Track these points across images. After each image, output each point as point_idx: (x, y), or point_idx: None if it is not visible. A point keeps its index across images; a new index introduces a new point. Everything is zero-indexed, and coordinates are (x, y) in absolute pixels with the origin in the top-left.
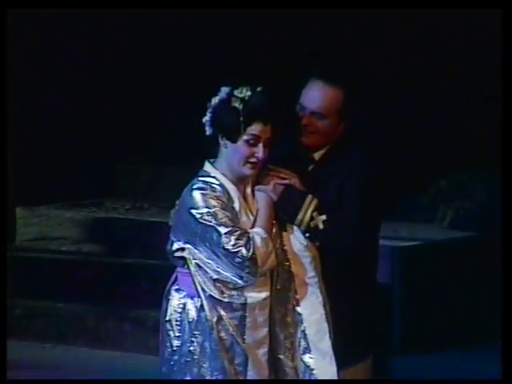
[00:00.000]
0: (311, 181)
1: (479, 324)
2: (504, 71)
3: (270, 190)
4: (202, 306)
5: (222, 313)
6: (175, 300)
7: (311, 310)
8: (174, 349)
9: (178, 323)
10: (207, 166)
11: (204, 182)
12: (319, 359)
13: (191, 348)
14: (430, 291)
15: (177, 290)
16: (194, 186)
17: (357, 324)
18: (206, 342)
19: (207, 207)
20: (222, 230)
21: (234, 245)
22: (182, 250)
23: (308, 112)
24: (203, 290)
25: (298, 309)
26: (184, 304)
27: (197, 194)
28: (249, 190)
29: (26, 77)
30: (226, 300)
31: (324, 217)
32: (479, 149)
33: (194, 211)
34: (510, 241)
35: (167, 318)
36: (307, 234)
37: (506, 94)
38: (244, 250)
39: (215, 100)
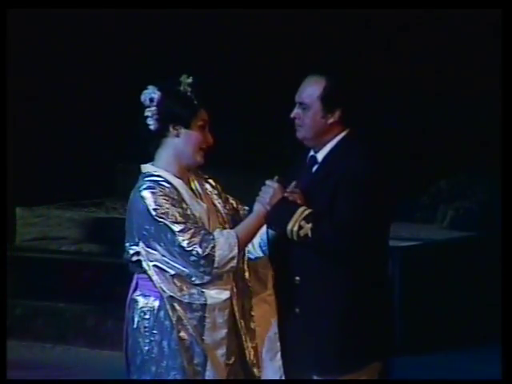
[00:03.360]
0: (311, 182)
1: (479, 324)
2: (504, 71)
3: (266, 203)
4: (161, 305)
5: (182, 313)
6: (141, 306)
7: (265, 328)
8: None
9: (147, 329)
10: (147, 167)
11: (151, 181)
12: (269, 376)
13: (149, 347)
14: (430, 291)
15: (142, 296)
16: (143, 187)
17: (358, 326)
18: (164, 341)
19: (159, 205)
20: (176, 227)
21: (188, 243)
22: (138, 253)
23: (296, 105)
24: (163, 290)
25: (252, 324)
26: (151, 308)
27: (147, 194)
28: (194, 184)
29: (26, 77)
30: (186, 300)
31: (311, 225)
32: (479, 149)
33: (146, 211)
34: (510, 241)
35: (135, 326)
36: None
37: (506, 94)
38: (199, 248)
39: (155, 94)
